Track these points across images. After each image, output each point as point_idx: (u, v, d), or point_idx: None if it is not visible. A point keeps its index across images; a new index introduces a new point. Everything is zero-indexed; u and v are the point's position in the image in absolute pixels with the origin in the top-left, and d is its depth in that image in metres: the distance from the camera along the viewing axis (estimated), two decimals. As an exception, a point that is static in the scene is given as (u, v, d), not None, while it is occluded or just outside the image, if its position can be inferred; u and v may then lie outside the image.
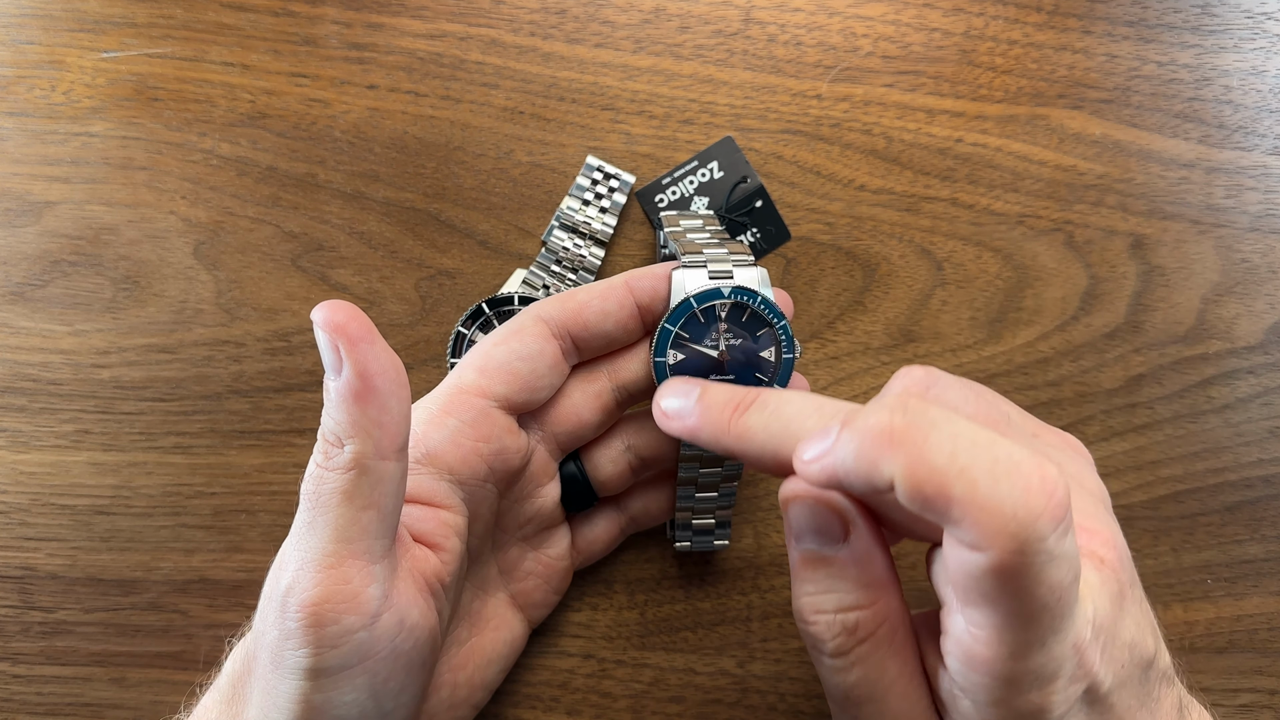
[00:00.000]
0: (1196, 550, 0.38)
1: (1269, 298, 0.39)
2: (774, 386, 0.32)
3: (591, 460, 0.34)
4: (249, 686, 0.27)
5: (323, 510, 0.25)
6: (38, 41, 0.39)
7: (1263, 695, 0.37)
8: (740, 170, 0.39)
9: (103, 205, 0.38)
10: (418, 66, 0.39)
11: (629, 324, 0.32)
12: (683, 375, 0.31)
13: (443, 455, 0.29)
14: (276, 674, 0.25)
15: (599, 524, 0.35)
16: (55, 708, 0.37)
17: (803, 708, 0.37)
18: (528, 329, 0.31)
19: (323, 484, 0.25)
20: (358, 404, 0.24)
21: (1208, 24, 0.40)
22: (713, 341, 0.31)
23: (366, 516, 0.25)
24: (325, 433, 0.25)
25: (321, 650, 0.25)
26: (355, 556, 0.25)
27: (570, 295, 0.32)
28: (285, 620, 0.25)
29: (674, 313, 0.31)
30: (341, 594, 0.25)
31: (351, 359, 0.24)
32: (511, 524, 0.33)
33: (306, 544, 0.25)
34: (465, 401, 0.30)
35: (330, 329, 0.24)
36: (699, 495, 0.34)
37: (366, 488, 0.25)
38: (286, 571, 0.25)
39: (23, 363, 0.38)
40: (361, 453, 0.25)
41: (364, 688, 0.26)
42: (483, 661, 0.32)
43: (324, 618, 0.25)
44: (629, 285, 0.32)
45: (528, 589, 0.34)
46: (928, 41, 0.39)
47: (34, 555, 0.37)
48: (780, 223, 0.38)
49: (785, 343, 0.31)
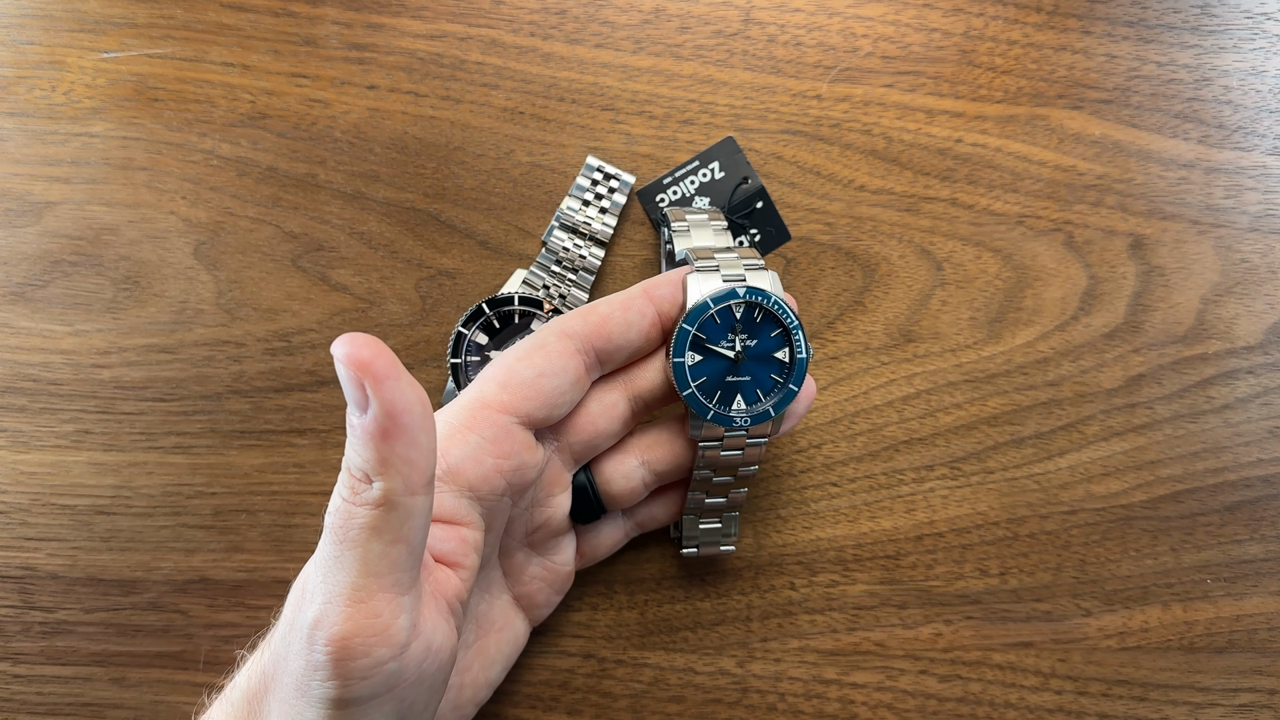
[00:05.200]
0: (1196, 550, 0.38)
1: (1268, 298, 0.39)
2: (789, 387, 0.32)
3: (603, 474, 0.33)
4: (266, 706, 0.27)
5: (351, 545, 0.24)
6: (38, 42, 0.39)
7: (1262, 695, 0.37)
8: (741, 171, 0.39)
9: (103, 205, 0.38)
10: (418, 67, 0.39)
11: (651, 333, 0.32)
12: (699, 376, 0.31)
13: (464, 472, 0.29)
14: (301, 701, 0.25)
15: (604, 530, 0.35)
16: (55, 708, 0.37)
17: (803, 708, 0.37)
18: (552, 345, 0.31)
19: (351, 519, 0.24)
20: (386, 442, 0.24)
21: (1207, 24, 0.40)
22: (729, 343, 0.32)
23: (395, 551, 0.25)
24: (352, 468, 0.24)
25: (350, 682, 0.25)
26: (384, 590, 0.25)
27: (592, 309, 0.31)
28: (313, 653, 0.25)
29: (691, 314, 0.31)
30: (372, 628, 0.24)
31: (379, 397, 0.23)
32: (520, 530, 0.33)
33: (335, 578, 0.25)
34: (487, 417, 0.30)
35: (355, 366, 0.23)
36: (709, 502, 0.34)
37: (396, 523, 0.24)
38: (313, 604, 0.25)
39: (23, 363, 0.38)
40: (391, 490, 0.24)
41: (391, 713, 0.26)
42: (487, 662, 0.32)
43: (354, 651, 0.24)
44: (648, 294, 0.32)
45: (531, 591, 0.34)
46: (927, 42, 0.39)
47: (34, 555, 0.37)
48: (780, 224, 0.38)
49: (799, 343, 0.32)
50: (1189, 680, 0.37)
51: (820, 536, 0.38)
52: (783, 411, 0.32)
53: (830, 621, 0.38)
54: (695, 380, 0.31)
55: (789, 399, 0.32)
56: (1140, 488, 0.38)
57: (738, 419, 0.32)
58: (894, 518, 0.38)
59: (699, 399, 0.32)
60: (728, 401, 0.32)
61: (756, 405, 0.32)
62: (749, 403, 0.32)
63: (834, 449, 0.39)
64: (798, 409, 0.33)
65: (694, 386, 0.31)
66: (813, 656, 0.38)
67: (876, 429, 0.39)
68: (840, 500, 0.38)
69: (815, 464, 0.38)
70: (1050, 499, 0.38)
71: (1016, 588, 0.38)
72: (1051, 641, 0.38)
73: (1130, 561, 0.38)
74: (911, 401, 0.39)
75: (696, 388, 0.32)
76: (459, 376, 0.37)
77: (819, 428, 0.39)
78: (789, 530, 0.38)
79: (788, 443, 0.39)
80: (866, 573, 0.38)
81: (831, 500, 0.38)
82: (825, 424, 0.39)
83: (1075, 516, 0.38)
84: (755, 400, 0.32)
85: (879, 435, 0.39)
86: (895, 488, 0.38)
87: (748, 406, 0.32)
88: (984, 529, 0.38)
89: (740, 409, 0.32)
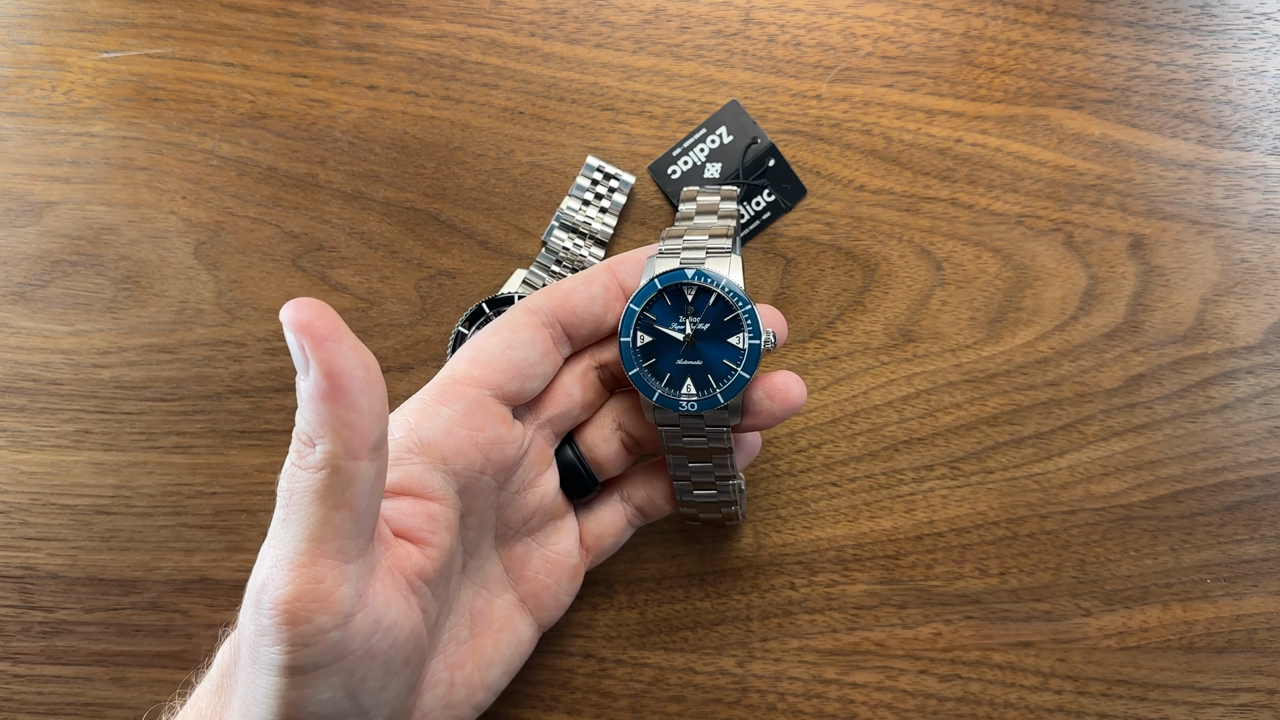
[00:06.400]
0: (1196, 550, 0.38)
1: (1268, 298, 0.39)
2: (741, 374, 0.31)
3: (586, 442, 0.34)
4: (234, 678, 0.27)
5: (295, 509, 0.25)
6: (38, 42, 0.39)
7: (1262, 695, 0.37)
8: (749, 132, 0.39)
9: (103, 205, 0.38)
10: (418, 67, 0.39)
11: (615, 306, 0.32)
12: (650, 358, 0.32)
13: (436, 445, 0.29)
14: (255, 669, 0.26)
15: (605, 515, 0.35)
16: (56, 707, 0.37)
17: (803, 707, 0.37)
18: (518, 320, 0.32)
19: (295, 482, 0.25)
20: (325, 404, 0.24)
21: (1207, 24, 0.40)
22: (679, 325, 0.32)
23: (339, 516, 0.25)
24: (298, 432, 0.25)
25: (295, 649, 0.25)
26: (328, 556, 0.25)
27: (556, 285, 0.32)
28: (260, 617, 0.25)
29: (639, 294, 0.31)
30: (313, 593, 0.25)
31: (317, 358, 0.24)
32: (515, 518, 0.33)
33: (280, 542, 0.25)
34: (459, 391, 0.30)
35: (295, 328, 0.24)
36: (692, 465, 0.34)
37: (339, 488, 0.25)
38: (262, 568, 0.25)
39: (23, 363, 0.38)
40: (332, 453, 0.24)
41: (340, 686, 0.26)
42: (483, 662, 0.32)
43: (296, 616, 0.24)
44: (612, 269, 0.33)
45: (537, 590, 0.34)
46: (927, 42, 0.39)
47: (34, 555, 0.37)
48: (795, 180, 0.38)
49: (752, 329, 0.31)
50: (1189, 680, 0.37)
51: (820, 536, 0.38)
52: (738, 400, 0.32)
53: (830, 621, 0.38)
54: (645, 360, 0.32)
55: (739, 386, 0.31)
56: (1140, 488, 0.38)
57: (684, 403, 0.32)
58: (894, 518, 0.38)
59: (644, 380, 0.32)
60: (677, 385, 0.32)
61: (706, 391, 0.32)
62: (699, 388, 0.32)
63: (834, 449, 0.39)
64: (773, 408, 0.33)
65: (641, 366, 0.32)
66: (813, 656, 0.38)
67: (876, 429, 0.39)
68: (840, 500, 0.38)
69: (815, 464, 0.39)
70: (1050, 499, 0.38)
71: (1016, 588, 0.38)
72: (1051, 641, 0.38)
73: (1130, 561, 0.38)
74: (911, 401, 0.39)
75: (645, 368, 0.32)
76: (459, 376, 0.37)
77: (819, 428, 0.39)
78: (789, 530, 0.38)
79: (788, 442, 0.39)
80: (866, 573, 0.38)
81: (831, 500, 0.38)
82: (825, 424, 0.39)
83: (1075, 516, 0.38)
84: (706, 386, 0.32)
85: (879, 435, 0.39)
86: (895, 488, 0.38)
87: (697, 392, 0.32)
88: (984, 529, 0.38)
89: (689, 394, 0.32)
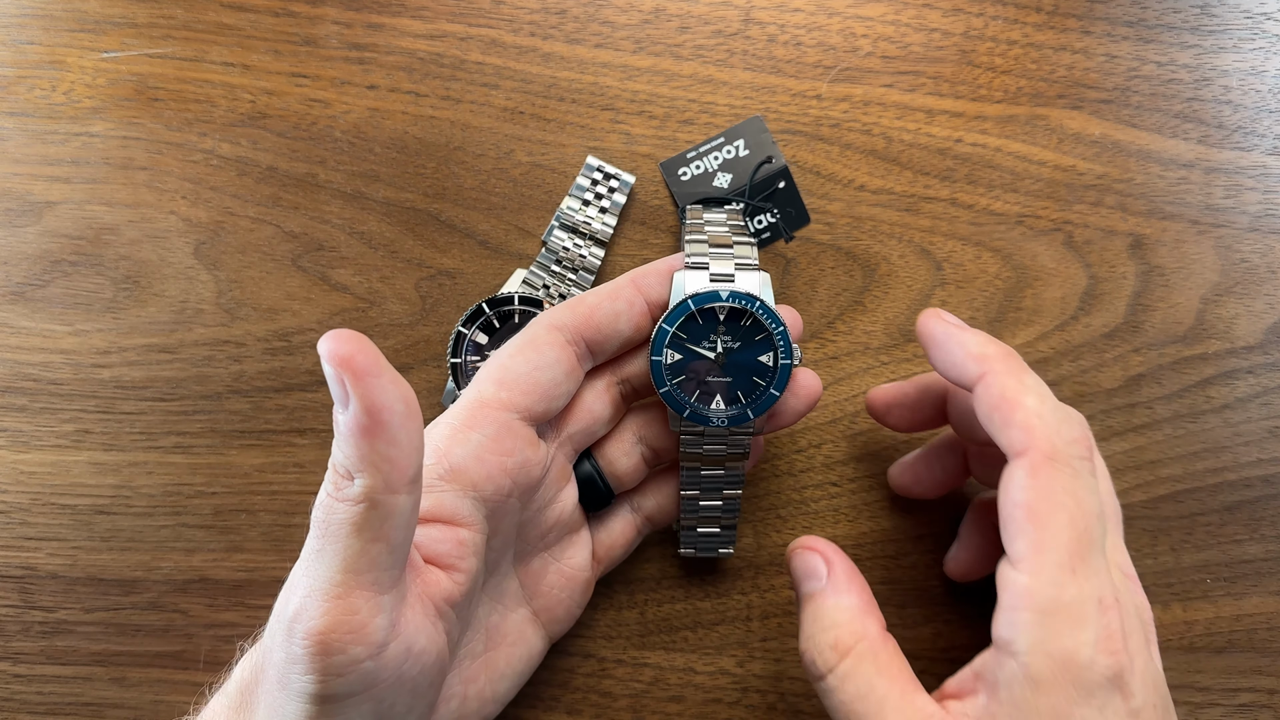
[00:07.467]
0: (1196, 550, 0.38)
1: (1268, 298, 0.39)
2: (770, 392, 0.32)
3: (606, 456, 0.34)
4: (256, 699, 0.27)
5: (332, 540, 0.25)
6: (38, 41, 0.39)
7: (1262, 695, 0.37)
8: (765, 150, 0.39)
9: (103, 205, 0.38)
10: (418, 67, 0.39)
11: (640, 322, 0.32)
12: (679, 375, 0.32)
13: (467, 471, 0.29)
14: (283, 694, 0.25)
15: (615, 526, 0.35)
16: (56, 707, 0.37)
17: (803, 707, 0.37)
18: (542, 339, 0.31)
19: (332, 514, 0.25)
20: (366, 439, 0.24)
21: (1207, 24, 0.40)
22: (710, 344, 0.32)
23: (375, 549, 0.25)
24: (335, 464, 0.25)
25: (327, 678, 0.25)
26: (363, 588, 0.25)
27: (579, 300, 0.32)
28: (291, 645, 0.25)
29: (671, 313, 0.31)
30: (348, 624, 0.25)
31: (358, 394, 0.23)
32: (534, 534, 0.33)
33: (315, 572, 0.25)
34: (488, 415, 0.30)
35: (336, 362, 0.23)
36: (704, 504, 0.34)
37: (376, 521, 0.24)
38: (295, 596, 0.25)
39: (23, 363, 0.38)
40: (371, 487, 0.24)
41: (369, 714, 0.26)
42: (495, 675, 0.32)
43: (330, 647, 0.24)
44: (635, 284, 0.32)
45: (550, 604, 0.34)
46: (927, 42, 0.39)
47: (34, 555, 0.37)
48: (801, 206, 0.38)
49: (784, 349, 0.32)
50: (1189, 680, 0.37)
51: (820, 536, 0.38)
52: (764, 414, 0.32)
53: (830, 621, 0.38)
54: (675, 378, 0.32)
55: (769, 404, 0.32)
56: (1140, 488, 0.38)
57: (714, 419, 0.32)
58: (894, 517, 0.38)
59: (675, 397, 0.32)
60: (707, 400, 0.32)
61: (735, 407, 0.32)
62: (728, 404, 0.32)
63: (834, 449, 0.39)
64: (797, 406, 0.33)
65: (671, 384, 0.32)
66: (813, 656, 0.38)
67: (876, 429, 0.39)
68: (840, 500, 0.38)
69: (815, 464, 0.39)
70: (1050, 499, 0.38)
71: (1016, 587, 0.38)
72: (1051, 641, 0.38)
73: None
74: (911, 401, 0.39)
75: (675, 384, 0.32)
76: (459, 376, 0.37)
77: (819, 428, 0.39)
78: (789, 530, 0.38)
79: (788, 442, 0.39)
80: (866, 573, 0.38)
81: (831, 500, 0.38)
82: (825, 424, 0.39)
83: (1075, 516, 0.38)
84: (735, 402, 0.32)
85: (879, 435, 0.39)
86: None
87: (726, 407, 0.32)
88: (984, 529, 0.38)
89: (719, 409, 0.32)
